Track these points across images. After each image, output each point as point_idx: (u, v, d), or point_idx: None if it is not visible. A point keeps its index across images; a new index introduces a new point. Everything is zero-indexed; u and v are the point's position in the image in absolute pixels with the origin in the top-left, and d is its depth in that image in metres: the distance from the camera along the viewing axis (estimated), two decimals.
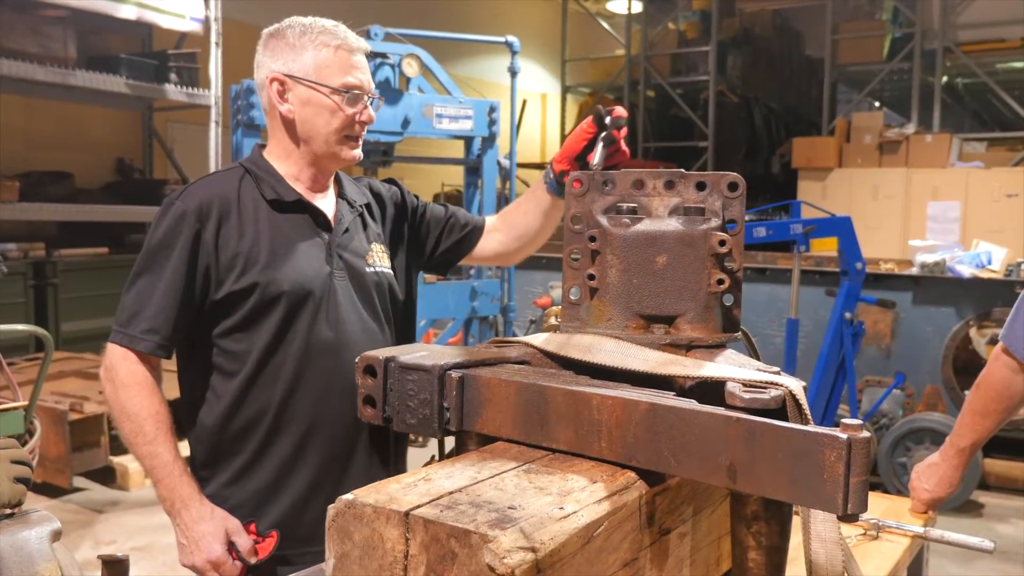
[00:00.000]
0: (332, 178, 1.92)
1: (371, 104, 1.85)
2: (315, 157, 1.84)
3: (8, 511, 1.42)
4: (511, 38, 5.05)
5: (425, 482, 0.96)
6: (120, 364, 1.73)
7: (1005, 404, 2.07)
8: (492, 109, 4.76)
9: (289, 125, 1.82)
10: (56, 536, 1.39)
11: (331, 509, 0.93)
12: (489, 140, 4.83)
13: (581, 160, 1.84)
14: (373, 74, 4.45)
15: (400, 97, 4.46)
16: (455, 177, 10.24)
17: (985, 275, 5.60)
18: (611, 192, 1.27)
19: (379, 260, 1.90)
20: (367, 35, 4.50)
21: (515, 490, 0.95)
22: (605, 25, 13.58)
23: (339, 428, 1.78)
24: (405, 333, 1.97)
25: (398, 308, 1.94)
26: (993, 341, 5.53)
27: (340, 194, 1.91)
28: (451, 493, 0.93)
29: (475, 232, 2.07)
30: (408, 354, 1.20)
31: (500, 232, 2.08)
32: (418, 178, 10.99)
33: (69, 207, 6.42)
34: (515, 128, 5.14)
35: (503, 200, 5.00)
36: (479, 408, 1.12)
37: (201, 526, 1.69)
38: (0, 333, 4.30)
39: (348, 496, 0.93)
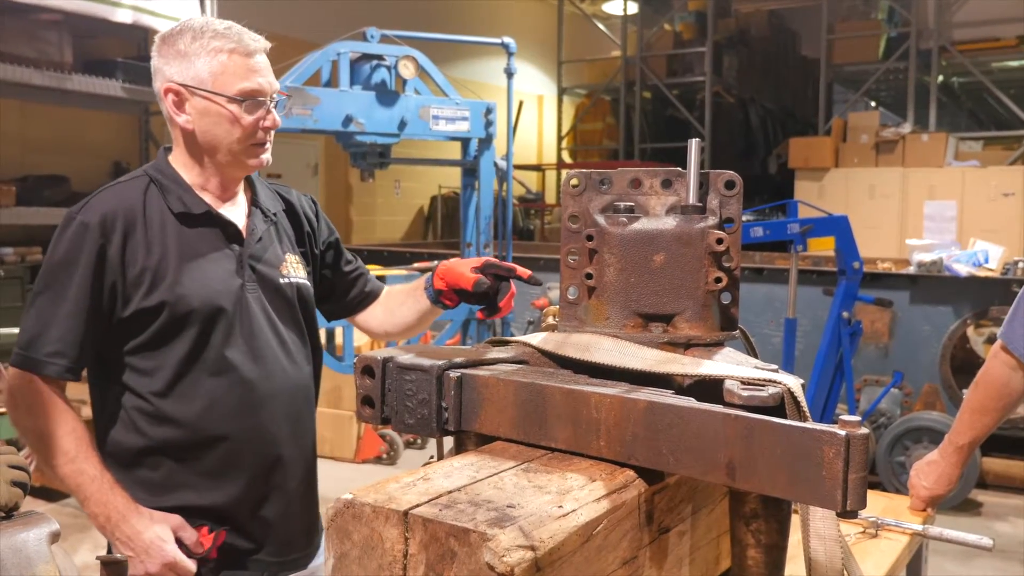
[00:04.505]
0: (242, 184, 1.83)
1: (276, 106, 1.75)
2: (219, 167, 1.75)
3: (3, 514, 1.41)
4: (507, 40, 5.05)
5: (424, 481, 0.96)
6: (26, 388, 1.66)
7: (1004, 402, 2.07)
8: (488, 111, 4.76)
9: (189, 137, 1.73)
10: (54, 538, 1.38)
11: (330, 509, 0.93)
12: (486, 142, 4.82)
13: (462, 295, 1.85)
14: (369, 76, 4.46)
15: (396, 99, 4.46)
16: (452, 179, 10.24)
17: (982, 274, 5.61)
18: (608, 191, 1.27)
19: (294, 271, 1.84)
20: (363, 37, 4.49)
21: (514, 489, 0.95)
22: (601, 26, 13.59)
23: (259, 444, 1.75)
24: (317, 347, 1.93)
25: (314, 320, 1.91)
26: (990, 340, 5.54)
27: (253, 201, 1.83)
28: (450, 492, 0.92)
29: (370, 297, 2.04)
30: (406, 354, 1.19)
31: (381, 308, 2.05)
32: (415, 180, 11.00)
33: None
34: (511, 130, 5.14)
35: (500, 202, 4.99)
36: (477, 408, 1.12)
37: (147, 533, 1.64)
38: None
39: (347, 496, 0.93)
